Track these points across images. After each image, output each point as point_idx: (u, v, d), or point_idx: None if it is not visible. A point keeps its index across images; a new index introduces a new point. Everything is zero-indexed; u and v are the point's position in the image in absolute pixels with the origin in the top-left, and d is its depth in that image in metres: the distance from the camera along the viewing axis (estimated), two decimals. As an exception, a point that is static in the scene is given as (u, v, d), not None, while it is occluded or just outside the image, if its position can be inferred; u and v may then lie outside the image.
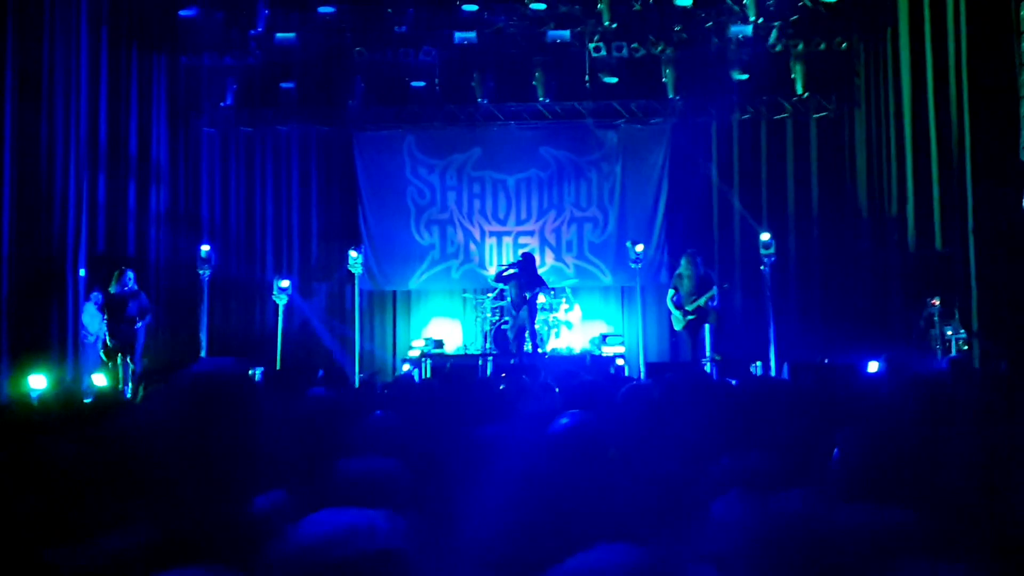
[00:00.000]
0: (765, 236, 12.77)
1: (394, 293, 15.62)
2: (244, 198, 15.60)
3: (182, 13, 14.30)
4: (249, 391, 2.22)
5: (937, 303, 10.69)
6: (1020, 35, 7.23)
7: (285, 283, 13.56)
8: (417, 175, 15.65)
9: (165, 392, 2.30)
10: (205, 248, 13.12)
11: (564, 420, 2.93)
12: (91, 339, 12.23)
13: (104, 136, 12.79)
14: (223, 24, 14.62)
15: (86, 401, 5.25)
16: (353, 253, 13.72)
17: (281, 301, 13.51)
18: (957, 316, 9.96)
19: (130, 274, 11.81)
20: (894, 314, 12.35)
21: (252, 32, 14.64)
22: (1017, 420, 3.89)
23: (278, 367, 13.07)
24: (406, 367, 13.39)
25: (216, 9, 14.49)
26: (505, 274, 13.57)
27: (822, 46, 14.42)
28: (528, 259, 13.57)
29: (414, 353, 14.10)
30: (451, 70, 15.10)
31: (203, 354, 13.06)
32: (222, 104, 15.18)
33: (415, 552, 1.74)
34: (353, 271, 13.79)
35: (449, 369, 11.71)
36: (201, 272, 13.03)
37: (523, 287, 13.23)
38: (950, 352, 10.00)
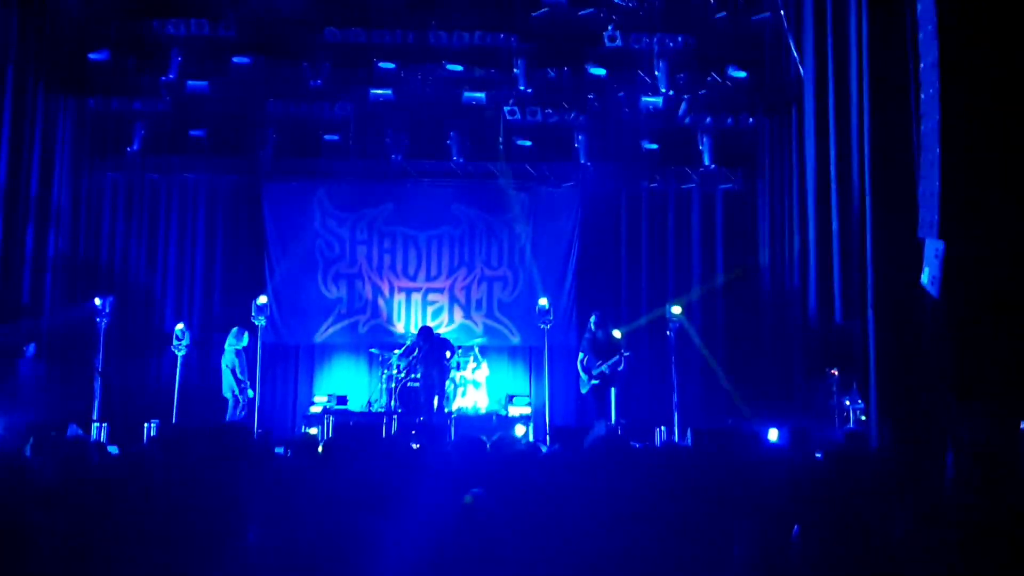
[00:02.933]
0: (676, 309, 13.03)
1: (297, 347, 15.29)
2: (147, 245, 15.12)
3: (92, 56, 13.98)
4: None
5: (836, 374, 10.98)
6: (920, 119, 7.57)
7: (180, 326, 13.21)
8: (327, 228, 15.47)
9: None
10: (98, 300, 12.71)
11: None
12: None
13: (3, 176, 12.34)
14: (134, 69, 14.36)
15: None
16: (262, 300, 13.44)
17: (180, 352, 13.10)
18: (856, 388, 10.23)
19: None
20: (796, 383, 12.64)
21: (164, 79, 14.39)
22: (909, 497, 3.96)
23: (174, 421, 12.66)
24: (313, 430, 13.02)
25: (128, 54, 14.22)
26: (411, 358, 13.58)
27: (729, 120, 14.90)
28: (424, 332, 13.60)
29: (316, 409, 13.81)
30: (366, 126, 15.09)
31: (98, 404, 12.59)
32: (129, 149, 14.79)
33: None
34: (257, 323, 13.49)
35: (353, 427, 11.46)
36: (97, 320, 12.58)
37: (430, 351, 13.21)
38: (848, 423, 10.25)
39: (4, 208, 12.44)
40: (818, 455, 5.89)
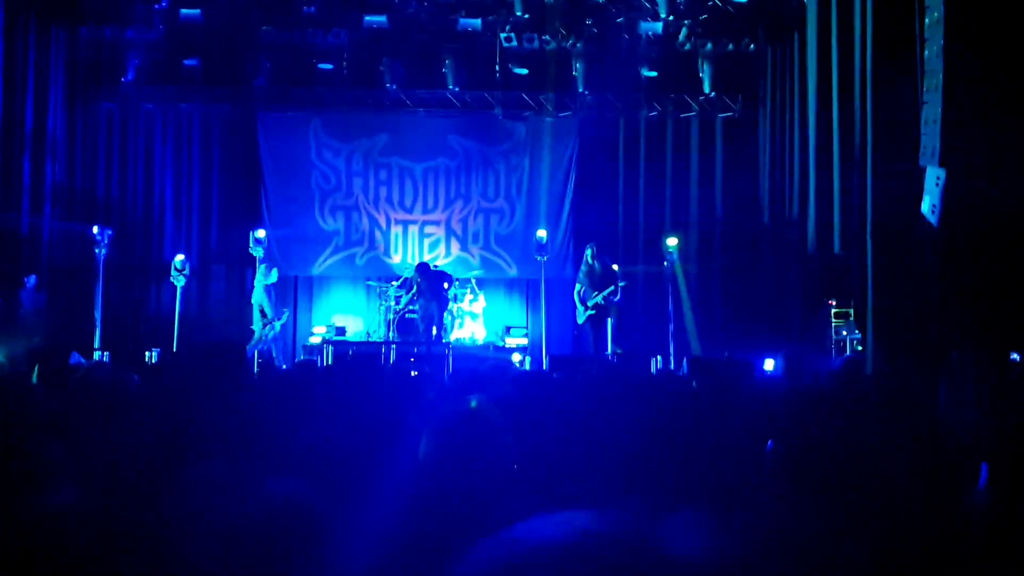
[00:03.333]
0: (672, 241, 13.02)
1: (296, 278, 15.31)
2: (143, 176, 15.04)
3: (83, -17, 13.73)
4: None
5: (832, 304, 11.02)
6: (924, 42, 7.48)
7: (180, 257, 13.23)
8: (322, 159, 15.37)
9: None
10: (95, 229, 12.69)
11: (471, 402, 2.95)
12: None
13: (-2, 108, 12.23)
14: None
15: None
16: (260, 233, 13.45)
17: (179, 282, 13.13)
18: (852, 318, 10.29)
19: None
20: (792, 314, 12.70)
21: (156, 6, 14.13)
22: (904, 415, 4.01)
23: (174, 349, 12.74)
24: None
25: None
26: (409, 296, 13.61)
27: (730, 47, 14.69)
28: (421, 268, 13.62)
29: (315, 340, 13.89)
30: (360, 54, 14.88)
31: (97, 334, 12.65)
32: (123, 79, 14.61)
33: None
34: (254, 254, 13.48)
35: (352, 356, 11.55)
36: (96, 251, 12.58)
37: (429, 283, 13.25)
38: (844, 352, 10.33)
39: (1, 139, 12.34)
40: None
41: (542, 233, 13.78)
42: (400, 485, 2.66)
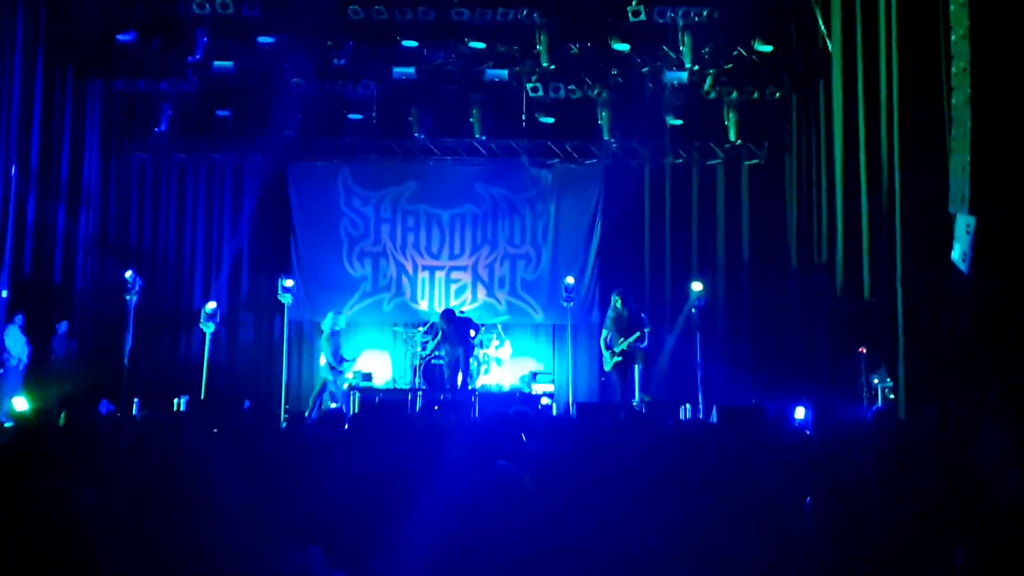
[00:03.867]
0: (697, 286, 12.98)
1: (324, 325, 15.38)
2: (175, 225, 15.28)
3: (120, 37, 14.03)
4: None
5: (864, 351, 10.92)
6: (951, 90, 7.48)
7: (212, 305, 13.34)
8: (351, 207, 15.53)
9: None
10: (129, 274, 12.85)
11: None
12: (13, 362, 11.91)
13: (35, 159, 12.54)
14: (160, 50, 14.41)
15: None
16: (288, 283, 13.57)
17: (208, 330, 13.23)
18: (884, 366, 10.18)
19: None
20: (822, 361, 12.58)
21: (190, 59, 14.43)
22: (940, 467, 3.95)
23: (202, 397, 12.80)
24: (332, 404, 13.18)
25: (154, 35, 14.26)
26: (436, 342, 13.62)
27: (755, 95, 14.74)
28: (447, 314, 13.63)
29: (343, 386, 13.91)
30: (389, 104, 15.09)
31: (124, 381, 12.75)
32: (156, 130, 14.89)
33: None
34: (283, 301, 13.59)
35: (378, 404, 11.54)
36: (127, 298, 12.73)
37: (455, 329, 13.26)
38: (876, 401, 10.21)
39: (36, 189, 12.62)
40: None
41: (570, 280, 13.78)
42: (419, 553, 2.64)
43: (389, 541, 3.18)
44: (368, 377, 14.18)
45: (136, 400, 11.78)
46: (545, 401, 13.05)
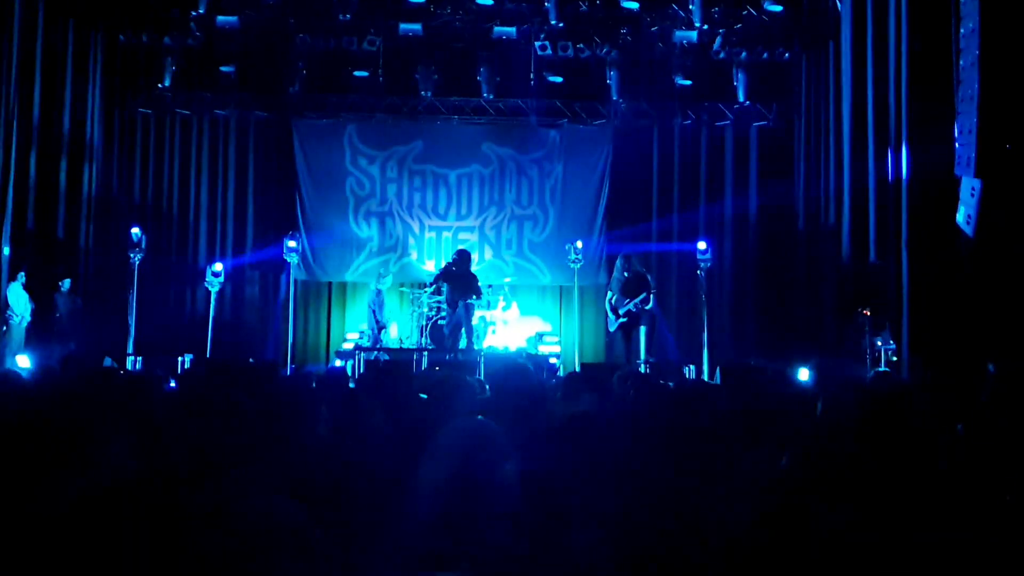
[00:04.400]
0: (702, 245, 12.91)
1: (330, 284, 15.41)
2: (179, 182, 15.22)
3: (122, -10, 13.93)
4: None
5: (867, 313, 10.88)
6: (959, 52, 7.38)
7: (218, 267, 13.32)
8: (357, 166, 15.46)
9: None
10: (136, 231, 12.83)
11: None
12: (16, 319, 11.92)
13: (36, 113, 12.43)
14: (164, 3, 14.28)
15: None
16: (292, 243, 13.54)
17: (213, 288, 13.25)
18: (888, 328, 10.15)
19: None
20: (827, 323, 12.55)
21: (194, 13, 14.30)
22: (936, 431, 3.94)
23: (208, 355, 12.85)
24: (339, 362, 13.21)
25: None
26: (443, 274, 13.41)
27: (765, 55, 14.58)
28: (463, 255, 13.48)
29: (348, 346, 13.94)
30: (395, 61, 14.95)
31: (132, 337, 12.79)
32: (159, 85, 14.79)
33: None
34: (288, 260, 13.58)
35: (381, 364, 11.54)
36: (132, 255, 12.73)
37: (459, 284, 13.15)
38: (879, 364, 10.19)
39: (38, 144, 12.54)
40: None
41: (579, 244, 13.64)
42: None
43: (376, 501, 3.18)
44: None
45: (139, 358, 11.82)
46: (553, 361, 13.02)
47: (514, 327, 14.59)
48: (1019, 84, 6.82)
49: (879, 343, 10.50)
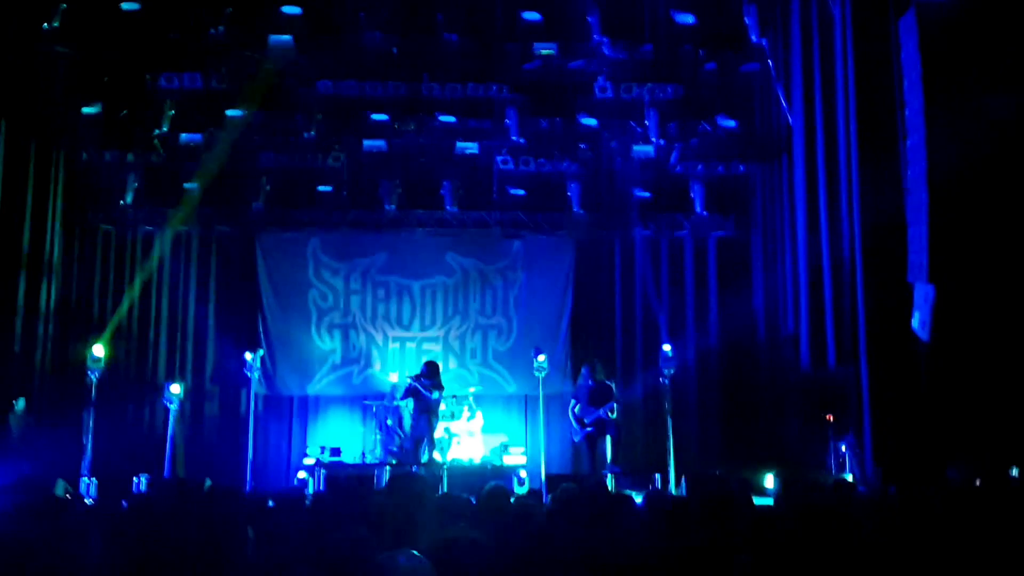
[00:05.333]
0: (667, 347, 12.94)
1: (292, 399, 15.20)
2: (139, 297, 15.09)
3: (85, 109, 14.07)
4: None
5: (831, 419, 10.90)
6: (907, 164, 7.63)
7: (176, 388, 13.08)
8: (320, 278, 15.47)
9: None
10: (97, 349, 12.63)
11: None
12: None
13: (-7, 228, 12.38)
14: (128, 122, 14.45)
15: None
16: (248, 355, 13.37)
17: (172, 405, 13.01)
18: (851, 433, 10.17)
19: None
20: (791, 430, 12.55)
21: (157, 131, 14.48)
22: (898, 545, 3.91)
23: (166, 475, 12.52)
24: (302, 474, 12.92)
25: (121, 107, 14.32)
26: (413, 387, 13.29)
27: (720, 168, 14.97)
28: (431, 367, 13.43)
29: (309, 461, 13.67)
30: (359, 176, 15.18)
31: (87, 458, 12.45)
32: (121, 201, 14.82)
33: None
34: (249, 375, 13.41)
35: (343, 481, 11.30)
36: (89, 372, 12.51)
37: (424, 396, 13.05)
38: (844, 468, 10.16)
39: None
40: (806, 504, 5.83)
41: (542, 358, 13.56)
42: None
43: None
44: (337, 452, 13.94)
45: (93, 480, 11.49)
46: (523, 474, 12.77)
47: (478, 438, 14.42)
48: (967, 193, 7.03)
49: (843, 448, 10.49)
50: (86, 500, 10.33)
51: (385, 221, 15.47)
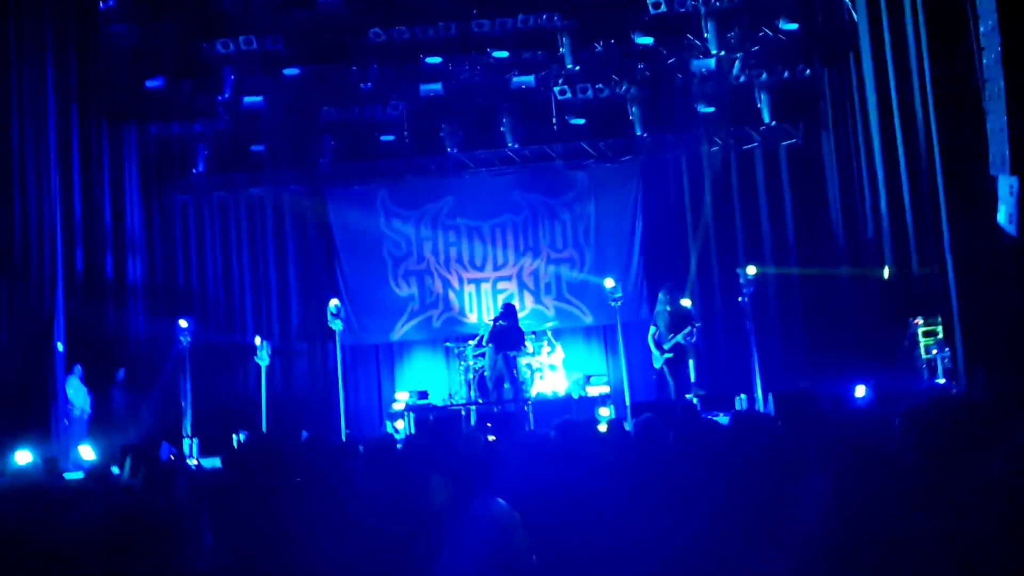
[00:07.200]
0: (751, 269, 12.70)
1: (377, 346, 15.50)
2: (221, 263, 15.51)
3: (148, 84, 14.32)
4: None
5: (920, 323, 10.68)
6: (981, 51, 7.29)
7: (258, 340, 13.51)
8: (392, 227, 15.63)
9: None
10: (183, 323, 13.11)
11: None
12: (77, 413, 12.16)
13: (79, 210, 12.81)
14: (190, 92, 14.67)
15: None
16: (333, 303, 13.59)
17: (263, 363, 13.38)
18: (940, 335, 9.95)
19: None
20: (878, 337, 12.31)
21: (220, 98, 14.66)
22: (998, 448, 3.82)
23: (264, 431, 12.92)
24: (400, 423, 13.17)
25: (182, 78, 14.53)
26: (493, 330, 13.42)
27: (786, 74, 14.51)
28: (509, 310, 13.53)
29: (398, 406, 13.95)
30: (419, 122, 15.19)
31: (188, 424, 12.94)
32: (194, 171, 15.16)
33: None
34: (333, 327, 13.68)
35: (432, 422, 11.51)
36: (181, 340, 12.96)
37: (505, 337, 13.16)
38: (936, 373, 9.97)
39: (83, 240, 12.88)
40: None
41: (609, 283, 13.50)
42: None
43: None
44: (424, 395, 14.20)
45: (195, 440, 11.95)
46: (604, 412, 12.79)
47: (561, 371, 14.51)
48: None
49: (934, 351, 10.28)
50: (189, 460, 10.76)
51: (449, 165, 15.52)
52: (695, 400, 11.71)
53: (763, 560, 2.88)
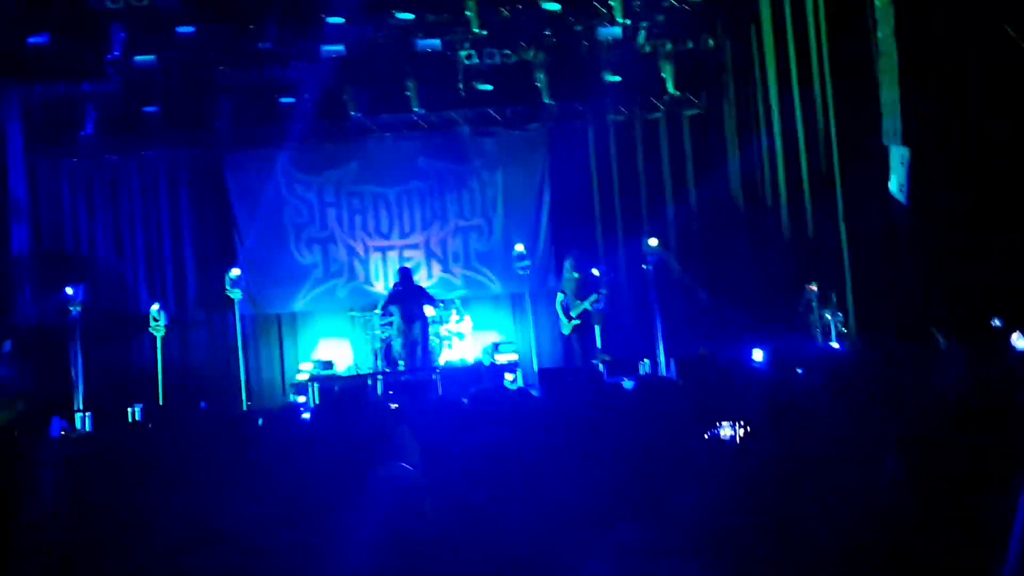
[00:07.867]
0: (653, 241, 12.88)
1: (279, 316, 15.18)
2: (112, 229, 14.92)
3: (31, 40, 13.59)
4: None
5: (815, 288, 10.95)
6: (875, 24, 7.45)
7: (155, 307, 13.12)
8: (294, 193, 15.26)
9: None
10: (70, 291, 12.58)
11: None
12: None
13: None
14: (76, 49, 13.97)
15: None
16: (235, 272, 13.26)
17: (158, 333, 12.98)
18: (834, 300, 10.23)
19: None
20: (777, 303, 12.63)
21: (109, 56, 14.01)
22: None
23: (160, 402, 12.60)
24: (301, 398, 12.95)
25: (68, 34, 13.82)
26: (388, 302, 13.35)
27: (689, 45, 14.62)
28: (404, 274, 13.43)
29: (302, 377, 13.75)
30: (321, 85, 14.78)
31: (80, 395, 12.51)
32: (82, 133, 14.48)
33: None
34: (232, 296, 13.35)
35: (337, 393, 11.38)
36: (71, 309, 12.46)
37: (409, 303, 13.06)
38: (830, 335, 10.25)
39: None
40: (799, 371, 5.89)
41: (519, 247, 13.59)
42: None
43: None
44: (328, 365, 14.01)
45: (88, 414, 11.55)
46: (509, 377, 12.90)
47: (469, 340, 14.50)
48: (937, 52, 6.89)
49: (827, 315, 10.57)
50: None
51: (352, 129, 15.19)
52: (601, 366, 11.84)
53: (672, 496, 2.98)
